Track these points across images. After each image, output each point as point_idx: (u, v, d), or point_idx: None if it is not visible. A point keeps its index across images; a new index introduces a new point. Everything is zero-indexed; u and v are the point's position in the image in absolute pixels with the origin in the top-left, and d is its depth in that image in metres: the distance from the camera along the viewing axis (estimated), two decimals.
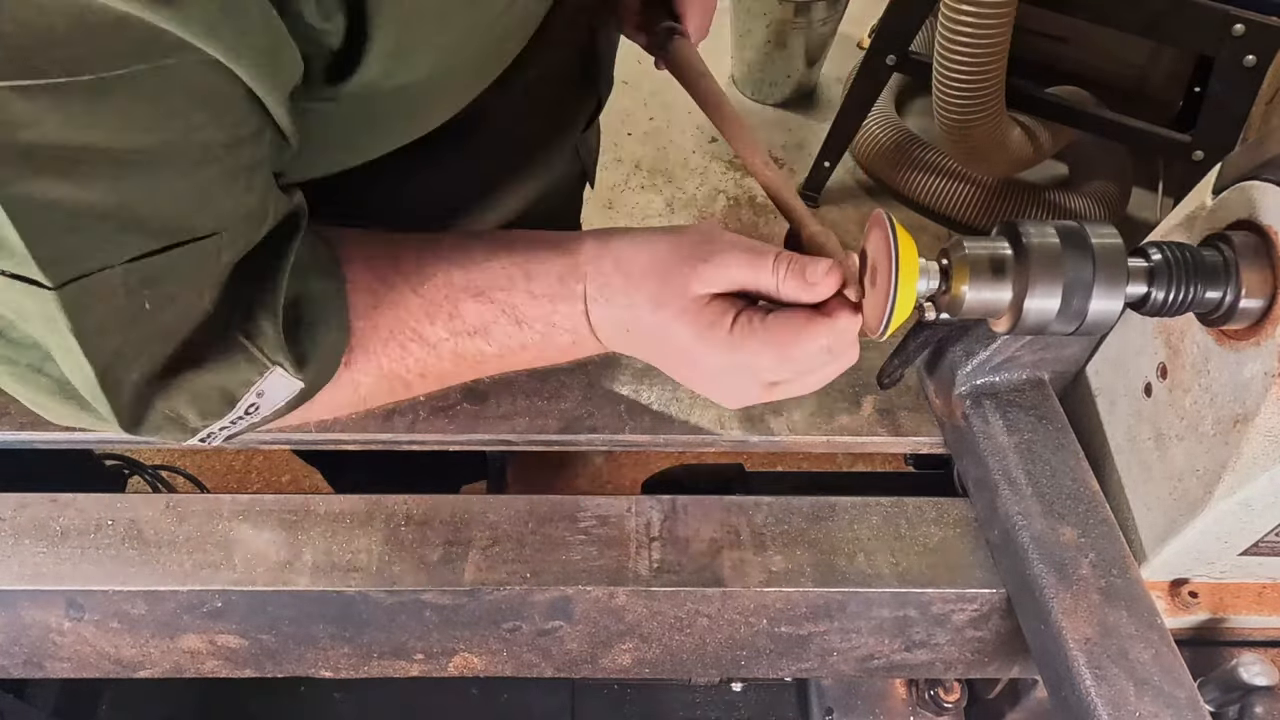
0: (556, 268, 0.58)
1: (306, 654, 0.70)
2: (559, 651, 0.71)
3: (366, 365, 0.58)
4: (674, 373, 0.61)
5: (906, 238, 0.52)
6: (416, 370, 0.60)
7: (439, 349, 0.59)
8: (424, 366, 0.60)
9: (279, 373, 0.52)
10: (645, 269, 0.56)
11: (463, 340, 0.59)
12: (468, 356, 0.60)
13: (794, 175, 2.50)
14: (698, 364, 0.58)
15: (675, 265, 0.56)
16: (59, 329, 0.45)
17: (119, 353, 0.48)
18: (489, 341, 0.59)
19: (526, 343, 0.59)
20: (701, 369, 0.58)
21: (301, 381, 0.54)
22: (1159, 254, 0.54)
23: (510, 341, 0.59)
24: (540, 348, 0.60)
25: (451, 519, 0.69)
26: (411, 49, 0.51)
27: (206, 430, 0.55)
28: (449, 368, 0.60)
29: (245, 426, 0.56)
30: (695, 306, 0.55)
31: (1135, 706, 0.56)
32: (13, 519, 0.68)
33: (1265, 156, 0.55)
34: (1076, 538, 0.65)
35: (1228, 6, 1.69)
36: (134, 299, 0.46)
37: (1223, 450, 0.57)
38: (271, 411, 0.56)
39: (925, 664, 0.73)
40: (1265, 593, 0.68)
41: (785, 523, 0.70)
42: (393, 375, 0.60)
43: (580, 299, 0.58)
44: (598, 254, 0.58)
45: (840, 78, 2.65)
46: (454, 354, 0.59)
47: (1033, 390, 0.73)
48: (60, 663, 0.70)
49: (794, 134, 2.64)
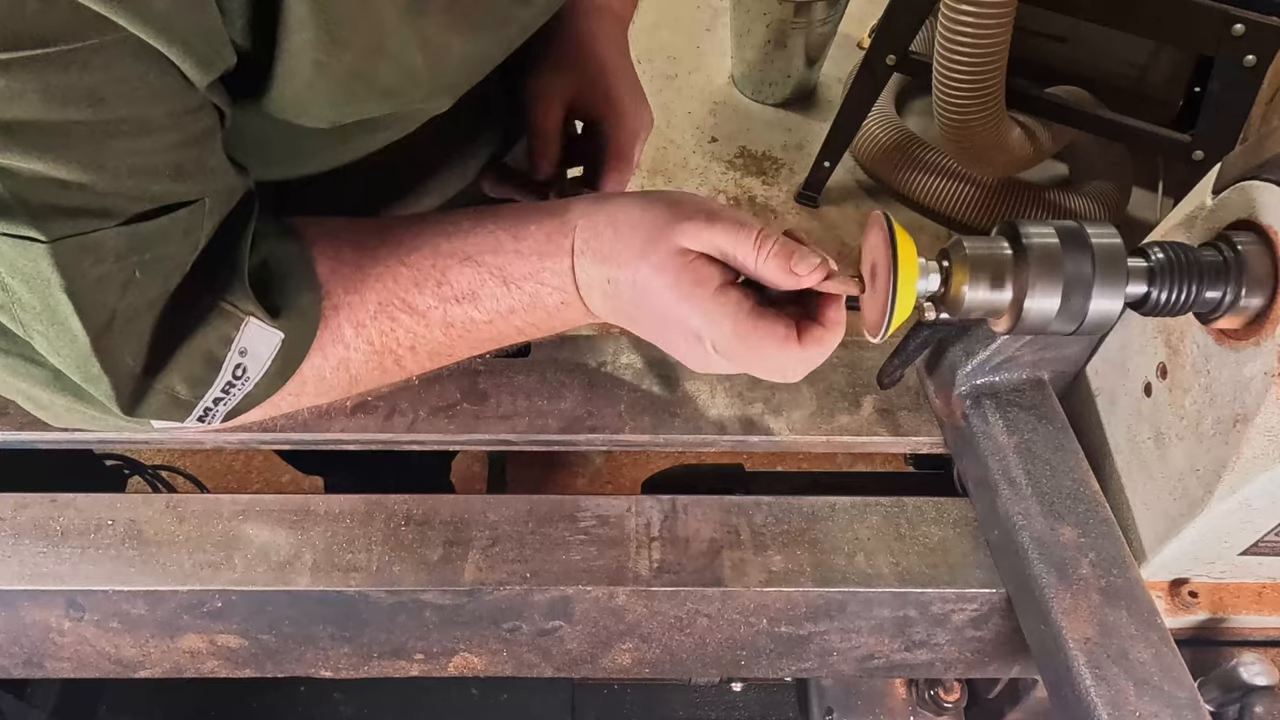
0: (546, 228, 0.58)
1: (306, 654, 0.70)
2: (559, 651, 0.71)
3: (357, 340, 0.58)
4: (646, 330, 0.59)
5: (906, 238, 0.52)
6: (407, 343, 0.59)
7: (429, 317, 0.59)
8: (414, 339, 0.59)
9: (254, 324, 0.53)
10: (636, 221, 0.56)
11: (452, 307, 0.59)
12: (457, 325, 0.59)
13: (794, 175, 2.50)
14: (671, 323, 0.57)
15: (664, 220, 0.55)
16: (51, 289, 0.45)
17: (111, 323, 0.48)
18: (478, 307, 0.59)
19: (515, 305, 0.59)
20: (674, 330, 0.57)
21: (280, 331, 0.54)
22: (1159, 254, 0.54)
23: (499, 305, 0.59)
24: (529, 311, 0.59)
25: (451, 519, 0.69)
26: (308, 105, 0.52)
27: (202, 406, 0.55)
28: (439, 338, 0.60)
29: (240, 396, 0.56)
30: (677, 263, 0.55)
31: (1135, 706, 0.56)
32: (13, 519, 0.68)
33: (1265, 156, 0.55)
34: (1076, 538, 0.65)
35: (1228, 6, 1.69)
36: (125, 265, 0.47)
37: (1223, 450, 0.57)
38: (261, 374, 0.56)
39: (925, 664, 0.73)
40: (1265, 593, 0.68)
41: (785, 523, 0.70)
42: (383, 349, 0.59)
43: (568, 254, 0.58)
44: (590, 210, 0.58)
45: (840, 78, 2.65)
46: (444, 323, 0.59)
47: (1033, 390, 0.73)
48: (60, 663, 0.70)
49: (794, 134, 2.64)
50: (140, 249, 0.48)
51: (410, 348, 0.60)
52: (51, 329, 0.48)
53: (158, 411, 0.54)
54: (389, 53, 0.51)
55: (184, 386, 0.53)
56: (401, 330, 0.59)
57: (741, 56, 2.65)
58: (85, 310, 0.47)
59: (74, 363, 0.50)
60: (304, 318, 0.56)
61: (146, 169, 0.46)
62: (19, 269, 0.45)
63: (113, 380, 0.50)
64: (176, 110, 0.45)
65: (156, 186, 0.47)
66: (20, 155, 0.41)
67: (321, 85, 0.50)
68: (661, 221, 0.55)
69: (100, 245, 0.46)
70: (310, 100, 0.51)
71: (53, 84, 0.40)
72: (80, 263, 0.45)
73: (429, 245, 0.59)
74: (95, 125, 0.42)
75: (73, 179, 0.43)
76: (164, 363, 0.52)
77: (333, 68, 0.49)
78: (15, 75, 0.38)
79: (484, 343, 0.62)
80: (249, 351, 0.54)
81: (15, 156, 0.41)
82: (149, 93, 0.43)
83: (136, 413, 0.53)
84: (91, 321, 0.47)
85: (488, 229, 0.59)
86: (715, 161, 2.54)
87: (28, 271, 0.45)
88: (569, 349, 0.79)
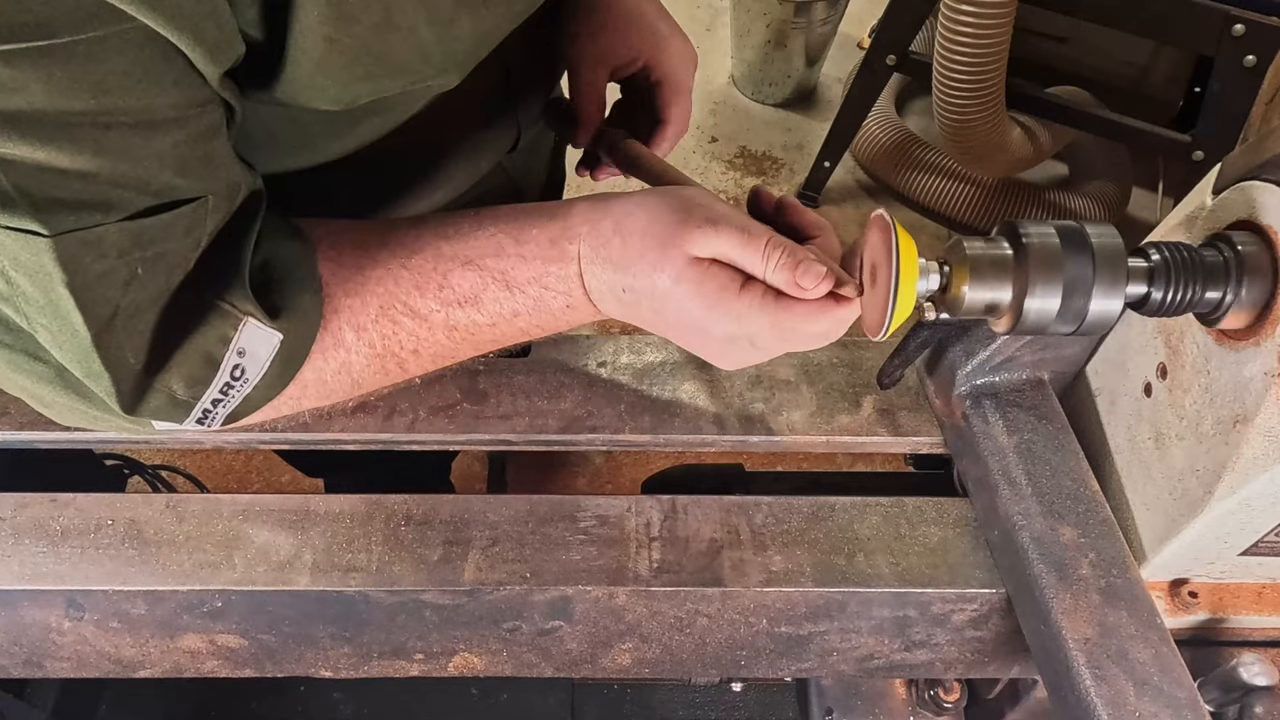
0: (548, 232, 0.58)
1: (306, 654, 0.70)
2: (559, 651, 0.71)
3: (358, 344, 0.58)
4: (671, 334, 0.59)
5: (906, 238, 0.52)
6: (410, 346, 0.59)
7: (430, 321, 0.58)
8: (417, 342, 0.59)
9: (253, 324, 0.53)
10: (643, 229, 0.56)
11: (454, 311, 0.58)
12: (460, 328, 0.59)
13: (794, 175, 2.50)
14: (702, 330, 0.57)
15: (673, 227, 0.55)
16: (53, 284, 0.45)
17: (113, 319, 0.48)
18: (481, 310, 0.58)
19: (519, 309, 0.59)
20: (705, 336, 0.57)
21: (278, 332, 0.54)
22: (1159, 254, 0.54)
23: (502, 309, 0.58)
24: (533, 314, 0.59)
25: (451, 519, 0.69)
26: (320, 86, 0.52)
27: (200, 407, 0.55)
28: (442, 341, 0.60)
29: (239, 399, 0.56)
30: (695, 272, 0.54)
31: (1135, 706, 0.56)
32: (13, 519, 0.68)
33: (1265, 156, 0.55)
34: (1076, 538, 0.65)
35: (1228, 6, 1.69)
36: (127, 262, 0.47)
37: (1223, 450, 0.57)
38: (260, 376, 0.55)
39: (925, 664, 0.73)
40: (1265, 593, 0.68)
41: (785, 523, 0.70)
42: (385, 353, 0.59)
43: (574, 260, 0.57)
44: (594, 216, 0.58)
45: (840, 78, 2.66)
46: (446, 326, 0.59)
47: (1033, 390, 0.73)
48: (60, 663, 0.70)
49: (794, 134, 2.64)
50: (143, 245, 0.47)
51: (413, 351, 0.60)
52: (54, 323, 0.48)
53: (157, 411, 0.54)
54: (398, 26, 0.51)
55: (182, 386, 0.53)
56: (404, 334, 0.59)
57: (741, 56, 2.65)
58: (87, 306, 0.47)
59: (76, 358, 0.50)
60: (304, 320, 0.56)
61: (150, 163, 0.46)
62: (22, 263, 0.45)
63: (114, 377, 0.50)
64: (182, 104, 0.45)
65: (160, 181, 0.47)
66: (23, 145, 0.41)
67: (333, 63, 0.50)
68: (670, 230, 0.55)
69: (102, 240, 0.46)
70: (322, 80, 0.51)
71: (57, 75, 0.40)
72: (82, 258, 0.45)
73: (430, 248, 0.58)
74: (99, 116, 0.42)
75: (75, 169, 0.43)
76: (164, 362, 0.52)
77: (343, 44, 0.49)
78: (18, 66, 0.38)
79: (487, 344, 0.62)
80: (247, 352, 0.54)
81: (17, 146, 0.41)
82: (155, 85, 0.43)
83: (137, 412, 0.53)
84: (93, 317, 0.47)
85: (488, 232, 0.59)
86: (715, 161, 2.54)
87: (30, 266, 0.45)
88: (569, 349, 0.79)
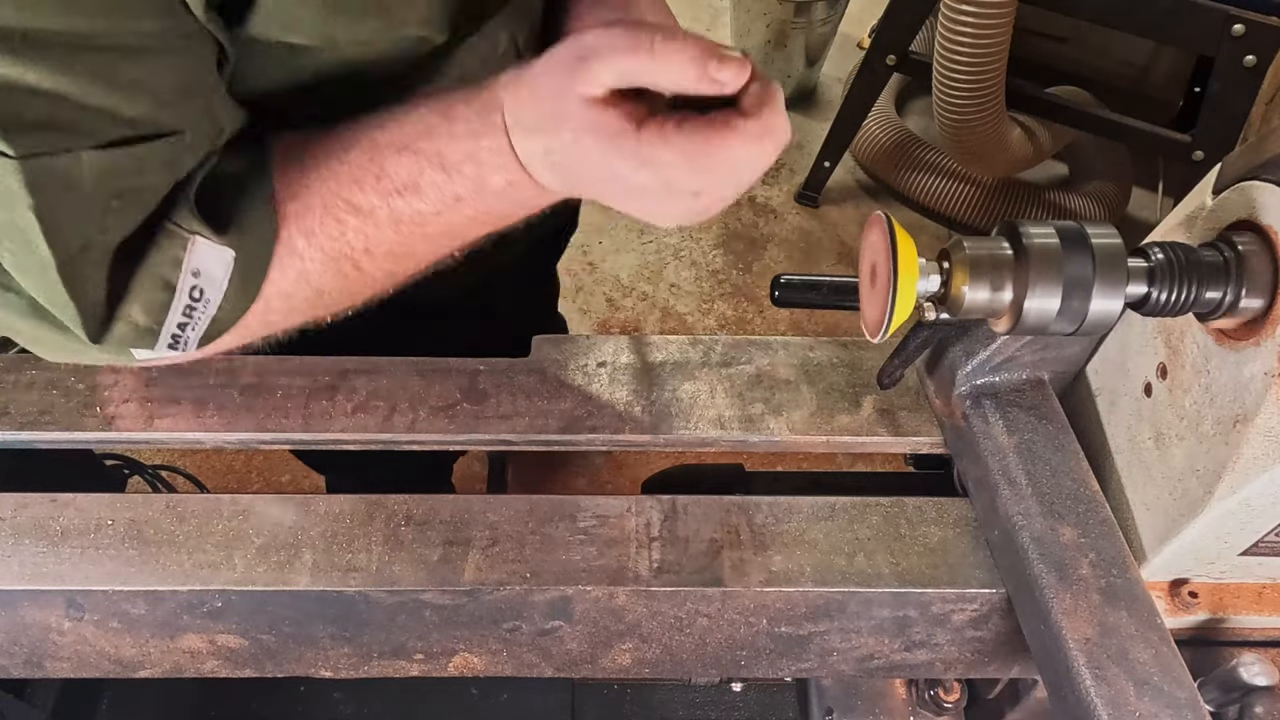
0: (474, 105, 0.56)
1: (306, 654, 0.70)
2: (559, 651, 0.71)
3: (310, 249, 0.57)
4: (601, 196, 0.56)
5: (906, 238, 0.52)
6: (360, 245, 0.58)
7: (375, 216, 0.57)
8: (366, 240, 0.58)
9: (202, 242, 0.52)
10: (545, 81, 0.53)
11: (395, 201, 0.57)
12: (405, 220, 0.57)
13: (794, 175, 2.50)
14: (616, 180, 0.53)
15: (564, 72, 0.51)
16: (19, 207, 0.45)
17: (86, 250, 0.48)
18: (422, 198, 0.57)
19: (460, 192, 0.56)
20: (620, 185, 0.54)
21: (229, 248, 0.53)
22: (1159, 254, 0.54)
23: (443, 194, 0.56)
24: (476, 197, 0.57)
25: (451, 519, 0.69)
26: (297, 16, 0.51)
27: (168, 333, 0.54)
28: (391, 236, 0.58)
29: (206, 320, 0.55)
30: (593, 114, 0.51)
31: (1135, 706, 0.56)
32: (13, 519, 0.68)
33: (1265, 156, 0.55)
34: (1076, 538, 0.65)
35: (1228, 6, 1.70)
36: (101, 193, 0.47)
37: (1223, 450, 0.57)
38: (221, 296, 0.55)
39: (925, 664, 0.73)
40: (1265, 593, 0.68)
41: (785, 523, 0.70)
42: (338, 255, 0.58)
43: (501, 130, 0.54)
44: (514, 80, 0.55)
45: (840, 78, 2.65)
46: (391, 219, 0.57)
47: (1033, 390, 0.73)
48: (60, 663, 0.70)
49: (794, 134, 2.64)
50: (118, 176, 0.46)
51: (365, 250, 0.58)
52: (21, 249, 0.47)
53: (124, 340, 0.53)
54: None
55: (142, 314, 0.53)
56: (350, 232, 0.57)
57: None
58: (53, 233, 0.46)
59: (41, 285, 0.49)
60: (256, 233, 0.55)
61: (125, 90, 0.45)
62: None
63: (78, 306, 0.50)
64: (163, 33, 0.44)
65: (135, 110, 0.46)
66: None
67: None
68: (563, 74, 0.51)
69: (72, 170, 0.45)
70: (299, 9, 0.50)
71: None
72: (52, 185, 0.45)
73: (365, 139, 0.57)
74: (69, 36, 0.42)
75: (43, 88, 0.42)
76: (123, 291, 0.52)
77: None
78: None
79: (440, 237, 0.60)
80: (202, 272, 0.53)
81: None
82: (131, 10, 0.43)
83: (104, 341, 0.53)
84: (60, 246, 0.47)
85: (419, 113, 0.57)
86: None
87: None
88: (569, 349, 0.79)
